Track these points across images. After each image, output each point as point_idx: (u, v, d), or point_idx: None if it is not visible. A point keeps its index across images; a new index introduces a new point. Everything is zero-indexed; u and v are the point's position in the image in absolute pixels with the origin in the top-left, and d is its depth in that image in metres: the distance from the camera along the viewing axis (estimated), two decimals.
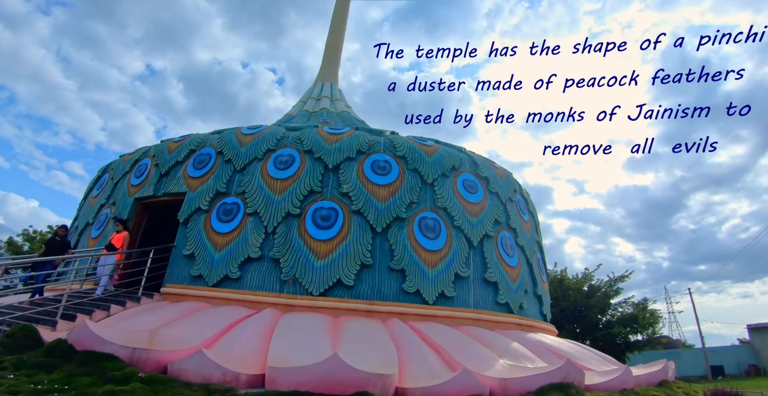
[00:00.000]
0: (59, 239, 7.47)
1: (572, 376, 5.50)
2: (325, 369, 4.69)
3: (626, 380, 6.36)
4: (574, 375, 5.52)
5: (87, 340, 4.92)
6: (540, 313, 10.27)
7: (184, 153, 9.15)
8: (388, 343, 6.33)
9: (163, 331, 5.90)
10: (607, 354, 19.31)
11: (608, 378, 6.29)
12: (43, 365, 4.63)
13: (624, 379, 6.33)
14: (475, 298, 8.54)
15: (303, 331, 6.25)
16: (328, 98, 15.10)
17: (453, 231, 8.78)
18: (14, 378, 4.28)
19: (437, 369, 5.81)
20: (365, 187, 8.52)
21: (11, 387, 4.07)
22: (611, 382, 6.21)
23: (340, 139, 9.04)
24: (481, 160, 10.19)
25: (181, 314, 6.63)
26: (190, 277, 7.89)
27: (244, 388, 4.81)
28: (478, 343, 6.95)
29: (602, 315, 21.38)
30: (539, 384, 5.34)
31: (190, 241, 8.14)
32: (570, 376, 5.48)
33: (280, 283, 7.67)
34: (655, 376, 7.05)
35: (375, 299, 7.73)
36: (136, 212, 8.95)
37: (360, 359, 5.61)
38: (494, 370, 5.85)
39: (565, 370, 5.50)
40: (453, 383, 4.97)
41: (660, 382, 7.01)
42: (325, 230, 8.06)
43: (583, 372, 5.76)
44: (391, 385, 4.97)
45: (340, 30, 16.78)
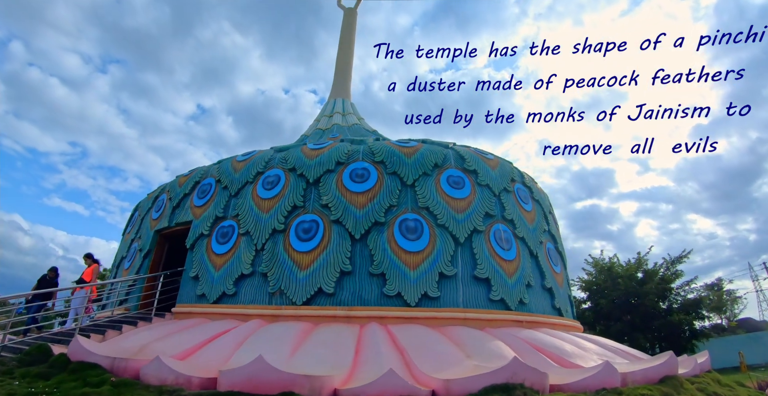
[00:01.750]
0: (49, 279, 8.99)
1: (522, 376, 5.32)
2: (253, 370, 5.24)
3: (606, 378, 5.92)
4: (524, 375, 5.34)
5: (78, 352, 6.10)
6: (552, 307, 9.72)
7: (190, 185, 10.55)
8: (349, 347, 6.70)
9: (153, 344, 6.97)
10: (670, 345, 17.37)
11: (582, 376, 5.93)
12: (44, 374, 5.87)
13: (602, 378, 5.89)
14: (464, 297, 8.49)
15: (271, 339, 6.90)
16: (340, 114, 15.96)
17: (437, 230, 8.86)
18: (18, 384, 5.54)
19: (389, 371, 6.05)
20: (344, 196, 9.02)
21: (11, 390, 5.30)
22: (585, 382, 5.83)
23: (320, 154, 9.70)
24: (469, 154, 10.10)
25: (176, 330, 7.71)
26: (195, 297, 9.05)
27: (196, 389, 5.58)
28: (449, 344, 6.97)
29: (663, 302, 19.12)
30: (481, 385, 5.28)
31: (195, 263, 9.35)
32: (518, 376, 5.31)
33: (268, 295, 8.46)
34: (655, 372, 6.38)
35: (355, 305, 8.13)
36: (156, 243, 10.51)
37: (310, 362, 6.10)
38: (446, 371, 5.90)
39: (511, 369, 5.37)
40: (379, 384, 5.19)
41: (662, 378, 6.34)
42: (306, 242, 8.71)
43: (540, 371, 5.53)
44: (321, 387, 5.32)
45: (349, 45, 17.67)
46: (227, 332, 7.32)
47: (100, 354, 6.02)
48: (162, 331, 7.65)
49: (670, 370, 6.46)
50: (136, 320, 8.33)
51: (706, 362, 7.85)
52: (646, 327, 18.34)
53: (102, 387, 5.45)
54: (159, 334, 7.48)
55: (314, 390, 5.25)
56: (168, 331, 7.65)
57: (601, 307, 19.73)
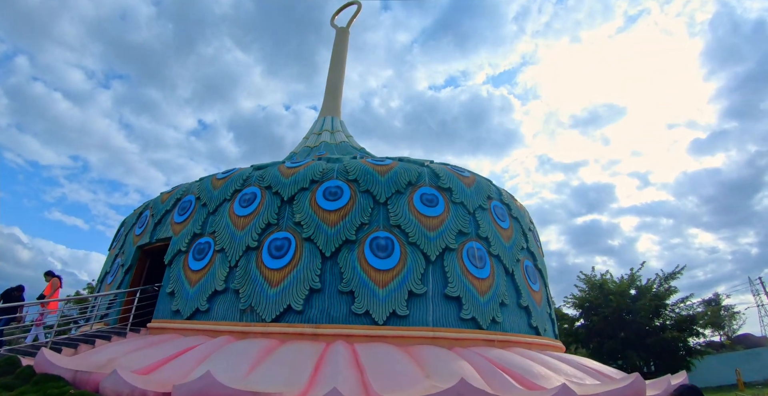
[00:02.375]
0: (16, 295, 9.34)
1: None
2: (202, 385, 5.46)
3: None
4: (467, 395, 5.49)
5: (43, 364, 6.39)
6: (529, 326, 9.77)
7: (172, 202, 10.97)
8: (308, 365, 6.87)
9: (120, 359, 7.23)
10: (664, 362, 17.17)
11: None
12: (8, 385, 6.16)
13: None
14: (434, 316, 8.63)
15: (233, 355, 7.12)
16: (328, 131, 16.43)
17: (408, 248, 9.08)
18: None
19: (345, 390, 6.21)
20: (316, 214, 9.33)
21: None
22: None
23: (296, 172, 10.07)
24: (445, 172, 10.37)
25: (145, 345, 7.98)
26: (171, 313, 9.34)
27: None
28: (411, 363, 7.09)
29: (656, 319, 19.00)
30: None
31: (172, 279, 9.67)
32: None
33: (239, 312, 8.71)
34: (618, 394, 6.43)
35: (324, 322, 8.33)
36: (138, 259, 10.89)
37: (265, 379, 6.29)
38: (398, 391, 6.04)
39: (456, 390, 5.51)
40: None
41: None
42: (278, 259, 8.99)
43: (487, 393, 5.64)
44: None
45: (340, 64, 18.28)
46: (192, 348, 7.56)
47: (63, 366, 6.31)
48: (131, 346, 7.92)
49: (636, 393, 6.50)
50: (111, 335, 8.63)
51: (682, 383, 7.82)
52: (639, 344, 18.25)
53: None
54: (128, 349, 7.75)
55: None
56: (137, 346, 7.93)
57: (593, 325, 19.69)
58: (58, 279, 9.54)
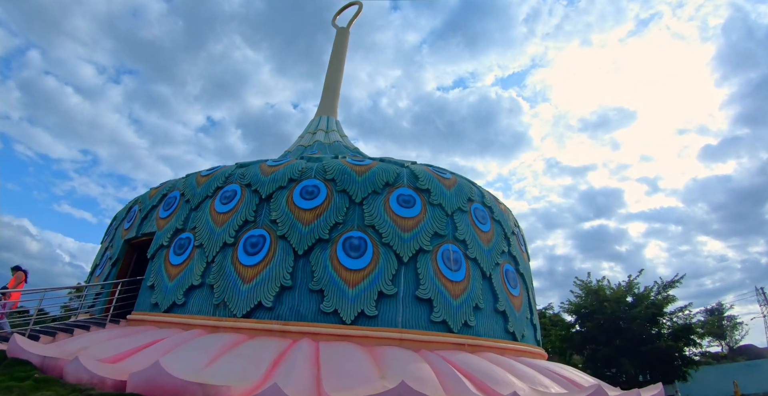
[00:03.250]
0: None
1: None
2: (151, 374, 5.79)
3: None
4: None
5: (14, 350, 6.86)
6: (505, 331, 9.84)
7: (158, 197, 11.45)
8: (267, 360, 7.14)
9: (92, 347, 7.67)
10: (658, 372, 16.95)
11: None
12: None
13: None
14: (404, 317, 8.80)
15: (197, 348, 7.45)
16: (323, 131, 16.75)
17: (381, 248, 9.28)
18: None
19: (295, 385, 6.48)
20: (292, 212, 9.62)
21: None
22: None
23: (275, 171, 10.39)
24: (424, 173, 10.53)
25: (119, 335, 8.40)
26: (150, 305, 9.77)
27: (109, 390, 6.19)
28: (369, 364, 7.25)
29: (654, 327, 18.76)
30: None
31: (153, 273, 10.11)
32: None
33: (213, 306, 9.06)
34: None
35: (292, 320, 8.61)
36: (125, 252, 11.41)
37: (221, 372, 6.59)
38: (345, 390, 6.25)
39: (397, 392, 5.70)
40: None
41: None
42: (252, 256, 9.31)
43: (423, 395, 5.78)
44: (216, 395, 5.84)
45: (339, 64, 18.59)
46: (160, 341, 7.94)
47: (32, 352, 6.76)
48: (105, 336, 8.36)
49: None
50: (90, 325, 9.11)
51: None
52: (634, 352, 18.09)
53: (26, 382, 6.14)
54: (101, 339, 8.19)
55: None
56: (110, 336, 8.36)
57: (588, 331, 19.60)
58: (23, 273, 10.03)
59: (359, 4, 19.45)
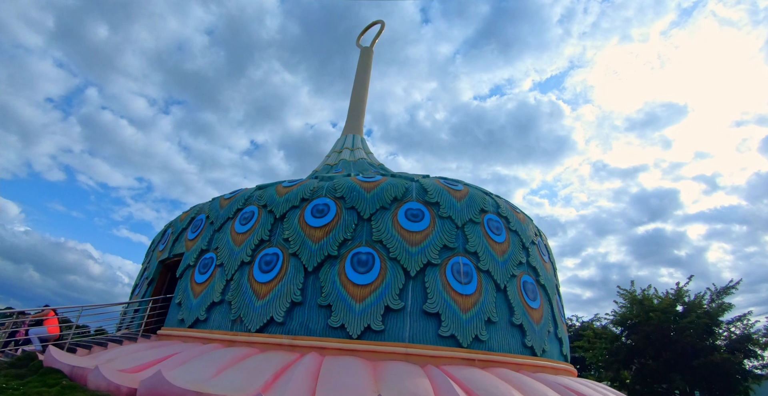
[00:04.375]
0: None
1: None
2: (153, 383, 6.40)
3: None
4: None
5: (49, 359, 7.82)
6: (522, 346, 9.57)
7: (187, 220, 12.49)
8: (269, 373, 7.57)
9: (119, 358, 8.53)
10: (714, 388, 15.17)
11: None
12: (21, 375, 7.62)
13: None
14: (411, 332, 8.92)
15: (209, 360, 8.04)
16: (348, 149, 17.39)
17: (388, 263, 9.52)
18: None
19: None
20: (303, 230, 10.14)
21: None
22: None
23: (289, 191, 11.02)
24: (434, 186, 10.68)
25: (145, 348, 9.23)
26: (177, 321, 10.62)
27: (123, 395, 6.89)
28: (368, 379, 7.44)
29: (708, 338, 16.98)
30: None
31: (180, 291, 11.01)
32: None
33: (230, 322, 9.71)
34: None
35: (302, 334, 9.01)
36: (160, 272, 12.49)
37: (224, 382, 7.08)
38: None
39: None
40: None
41: None
42: (266, 274, 9.90)
43: None
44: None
45: (364, 83, 19.31)
46: (178, 353, 8.64)
47: (63, 362, 7.67)
48: (133, 349, 9.22)
49: None
50: (123, 339, 10.08)
51: None
52: (685, 367, 16.58)
53: (54, 388, 7.01)
54: (129, 351, 9.05)
55: None
56: (138, 349, 9.21)
57: (633, 344, 18.28)
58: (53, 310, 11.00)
59: (381, 22, 20.24)
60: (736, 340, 17.11)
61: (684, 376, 16.47)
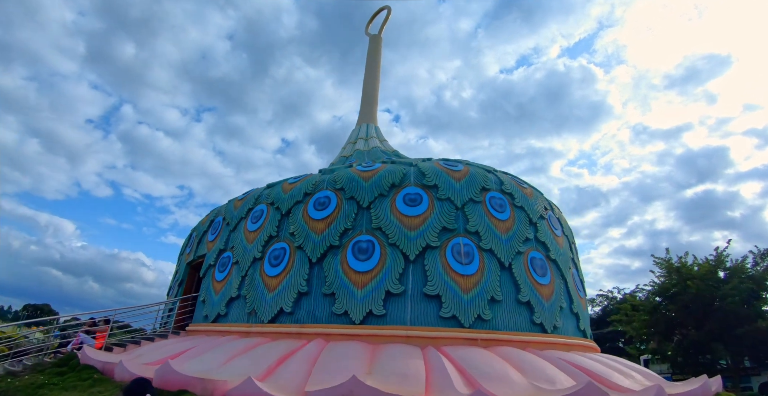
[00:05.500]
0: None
1: (356, 394, 6.13)
2: (162, 372, 7.18)
3: None
4: (359, 393, 6.12)
5: (84, 357, 8.90)
6: (531, 323, 9.52)
7: (207, 223, 13.43)
8: (272, 359, 8.16)
9: (146, 354, 9.52)
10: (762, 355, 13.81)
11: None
12: (61, 372, 8.76)
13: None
14: (412, 314, 9.18)
15: (221, 351, 8.76)
16: (363, 139, 17.70)
17: (388, 249, 9.81)
18: (42, 377, 8.47)
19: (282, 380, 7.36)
20: (307, 224, 10.65)
21: (34, 380, 8.22)
22: None
23: (293, 187, 11.56)
24: (432, 169, 10.77)
25: (170, 344, 10.19)
26: (202, 317, 11.56)
27: None
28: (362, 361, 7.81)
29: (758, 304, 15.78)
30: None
31: (204, 289, 11.94)
32: (353, 394, 6.15)
33: (246, 315, 10.46)
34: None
35: (308, 322, 9.56)
36: (188, 273, 13.55)
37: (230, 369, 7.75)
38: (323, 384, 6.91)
39: (348, 387, 6.22)
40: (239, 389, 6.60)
41: None
42: (275, 267, 10.52)
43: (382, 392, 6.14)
44: (215, 388, 6.92)
45: (375, 71, 19.47)
46: (197, 346, 9.49)
47: (95, 358, 8.71)
48: (162, 345, 10.21)
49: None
50: (154, 337, 11.16)
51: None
52: (728, 336, 15.50)
53: (86, 381, 8.04)
54: (158, 347, 10.04)
55: (206, 390, 6.92)
56: (165, 344, 10.19)
57: (671, 314, 17.27)
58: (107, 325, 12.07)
59: (388, 8, 20.23)
60: None
61: (727, 345, 15.56)
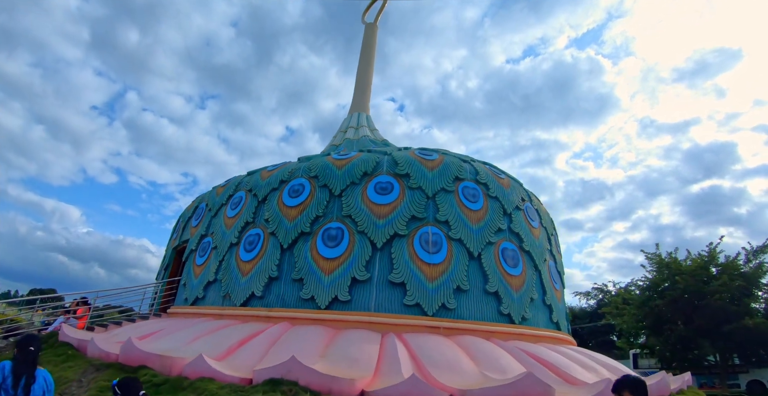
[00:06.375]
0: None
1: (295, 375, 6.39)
2: (126, 348, 7.64)
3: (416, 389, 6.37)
4: (298, 374, 6.39)
5: (61, 335, 9.47)
6: (498, 313, 9.71)
7: (192, 209, 13.90)
8: (235, 339, 8.58)
9: (122, 333, 10.06)
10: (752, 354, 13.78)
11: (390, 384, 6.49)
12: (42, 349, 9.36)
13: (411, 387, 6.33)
14: (376, 301, 9.46)
15: (191, 331, 9.22)
16: (353, 128, 17.91)
17: (357, 236, 10.07)
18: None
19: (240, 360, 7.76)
20: (281, 210, 10.98)
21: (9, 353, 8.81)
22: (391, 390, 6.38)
23: (271, 175, 11.89)
24: (405, 158, 10.94)
25: (148, 325, 10.72)
26: (183, 300, 12.08)
27: (111, 361, 8.26)
28: (317, 344, 8.10)
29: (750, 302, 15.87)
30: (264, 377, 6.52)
31: (185, 273, 12.44)
32: (292, 374, 6.42)
33: (221, 298, 10.90)
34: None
35: (277, 307, 9.94)
36: (174, 258, 14.09)
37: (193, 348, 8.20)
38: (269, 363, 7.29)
39: (287, 367, 6.54)
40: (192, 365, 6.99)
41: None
42: (249, 253, 10.91)
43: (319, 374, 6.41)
44: (172, 365, 7.33)
45: (369, 60, 19.56)
46: (169, 327, 9.98)
47: (72, 336, 9.28)
48: (141, 326, 10.75)
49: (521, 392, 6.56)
50: (136, 318, 11.72)
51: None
52: (716, 332, 15.43)
53: (61, 356, 8.61)
54: (136, 327, 10.58)
55: (164, 366, 7.35)
56: (144, 325, 10.73)
57: (659, 310, 17.28)
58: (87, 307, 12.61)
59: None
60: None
61: (715, 342, 15.49)
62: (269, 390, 6.19)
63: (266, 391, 6.16)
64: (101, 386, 7.21)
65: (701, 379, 17.56)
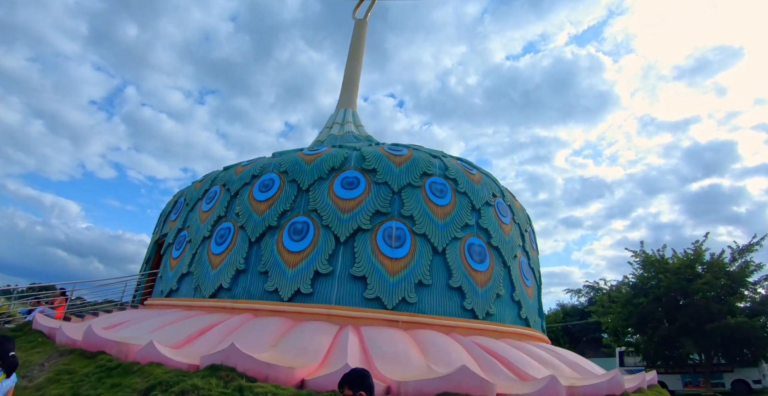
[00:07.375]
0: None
1: (233, 362, 6.77)
2: (86, 335, 8.12)
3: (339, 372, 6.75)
4: (235, 361, 6.74)
5: (35, 323, 10.01)
6: (461, 309, 9.95)
7: (172, 204, 14.39)
8: (196, 329, 8.99)
9: (95, 324, 10.55)
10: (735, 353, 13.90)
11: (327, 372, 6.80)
12: (15, 336, 9.90)
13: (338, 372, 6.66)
14: (338, 295, 9.79)
15: (157, 321, 9.66)
16: (339, 124, 18.24)
17: (321, 230, 10.41)
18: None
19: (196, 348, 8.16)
20: (251, 205, 11.37)
21: None
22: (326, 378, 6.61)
23: (244, 170, 12.30)
24: (373, 154, 11.22)
25: (122, 315, 11.22)
26: (159, 292, 12.57)
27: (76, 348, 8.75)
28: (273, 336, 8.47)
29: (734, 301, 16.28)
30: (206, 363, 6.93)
31: (162, 266, 12.93)
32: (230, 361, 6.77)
33: (193, 290, 11.35)
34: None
35: (243, 298, 10.33)
36: (155, 251, 14.61)
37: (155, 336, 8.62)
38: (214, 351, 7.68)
39: (225, 354, 6.89)
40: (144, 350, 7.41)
41: None
42: (220, 246, 11.33)
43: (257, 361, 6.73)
44: (128, 351, 7.73)
45: (358, 56, 19.85)
46: (136, 317, 10.45)
47: (44, 324, 9.81)
48: (114, 316, 11.26)
49: (457, 384, 6.82)
50: (112, 309, 12.25)
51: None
52: (698, 331, 15.51)
53: (31, 343, 9.14)
54: (109, 318, 11.09)
55: (121, 352, 7.79)
56: (117, 316, 11.22)
57: (643, 308, 17.42)
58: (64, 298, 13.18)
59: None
60: (760, 302, 15.64)
61: (697, 341, 15.61)
62: (208, 375, 6.56)
63: (205, 376, 6.54)
64: (59, 370, 7.70)
65: (686, 377, 17.61)
